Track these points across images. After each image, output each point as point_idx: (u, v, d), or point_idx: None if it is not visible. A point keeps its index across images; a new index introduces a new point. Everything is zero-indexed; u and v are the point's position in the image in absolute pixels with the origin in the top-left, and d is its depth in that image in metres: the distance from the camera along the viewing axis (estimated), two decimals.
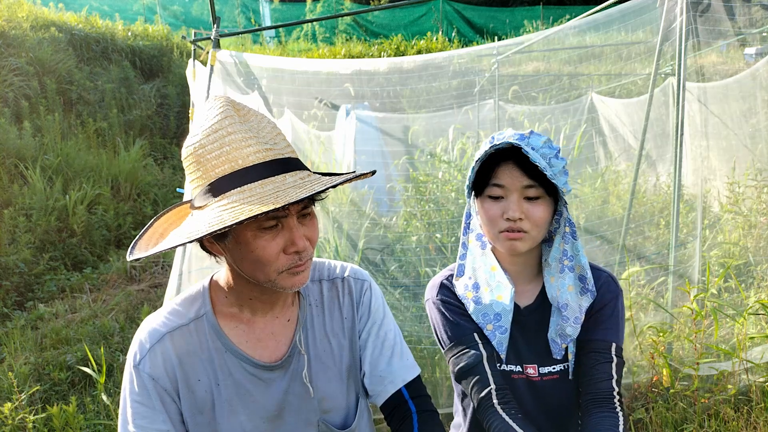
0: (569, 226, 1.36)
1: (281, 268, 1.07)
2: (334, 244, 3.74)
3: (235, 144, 1.01)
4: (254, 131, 1.04)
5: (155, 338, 1.13)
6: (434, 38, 14.34)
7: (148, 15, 14.21)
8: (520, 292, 1.41)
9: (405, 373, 1.28)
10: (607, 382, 1.30)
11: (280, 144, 1.06)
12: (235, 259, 1.09)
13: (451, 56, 4.97)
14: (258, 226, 1.03)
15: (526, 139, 1.29)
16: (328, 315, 1.26)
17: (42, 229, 5.74)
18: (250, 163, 1.01)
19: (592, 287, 1.35)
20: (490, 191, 1.32)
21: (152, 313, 1.21)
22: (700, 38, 3.30)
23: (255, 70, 3.78)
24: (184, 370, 1.13)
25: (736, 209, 4.33)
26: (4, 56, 7.65)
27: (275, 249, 1.05)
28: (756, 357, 2.74)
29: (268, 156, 1.02)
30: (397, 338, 1.31)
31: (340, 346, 1.25)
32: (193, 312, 1.17)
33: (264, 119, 1.08)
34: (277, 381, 1.18)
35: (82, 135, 7.66)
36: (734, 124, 4.58)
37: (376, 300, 1.31)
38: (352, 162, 4.86)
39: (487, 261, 1.39)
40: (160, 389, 1.12)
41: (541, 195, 1.29)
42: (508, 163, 1.29)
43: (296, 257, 1.07)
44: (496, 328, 1.35)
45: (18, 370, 3.55)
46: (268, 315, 1.20)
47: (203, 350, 1.15)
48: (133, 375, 1.12)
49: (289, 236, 1.06)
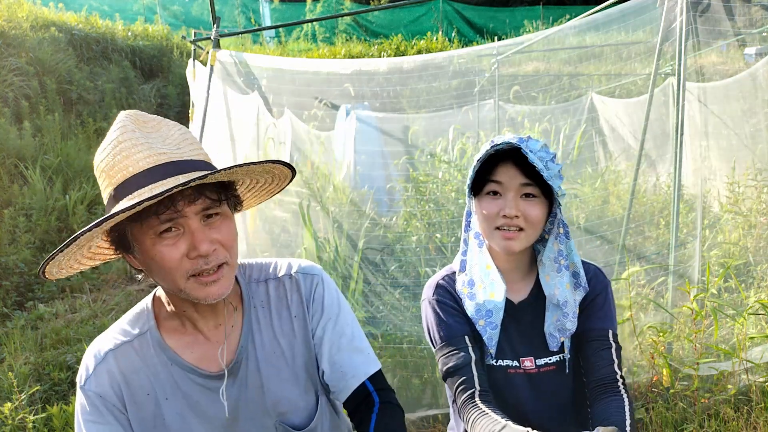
0: (563, 227, 1.41)
1: (187, 274, 1.03)
2: (334, 244, 3.74)
3: (125, 152, 1.00)
4: (147, 138, 1.02)
5: (99, 358, 1.14)
6: (434, 38, 14.33)
7: (148, 15, 14.19)
8: (513, 288, 1.45)
9: (367, 367, 1.24)
10: (609, 367, 1.35)
11: (184, 148, 1.04)
12: (149, 271, 1.07)
13: (451, 56, 4.98)
14: (154, 232, 1.00)
15: (524, 141, 1.33)
16: (276, 315, 1.22)
17: (42, 229, 5.74)
18: (140, 169, 0.99)
19: (584, 283, 1.42)
20: (487, 188, 1.36)
21: (101, 333, 1.21)
22: (700, 38, 3.30)
23: (255, 70, 3.78)
24: (130, 387, 1.13)
25: (736, 209, 4.32)
26: (4, 56, 7.65)
27: (176, 254, 1.02)
28: (756, 357, 2.74)
29: (160, 160, 1.00)
30: (356, 332, 1.27)
31: (290, 345, 1.22)
32: (138, 329, 1.16)
33: (174, 127, 1.07)
34: (227, 389, 1.17)
35: (82, 135, 7.66)
36: (734, 124, 4.58)
37: (329, 294, 1.26)
38: (352, 162, 4.86)
39: (482, 259, 1.43)
40: (110, 405, 1.12)
41: (538, 194, 1.34)
42: (506, 163, 1.33)
43: (201, 261, 1.03)
44: (487, 324, 1.40)
45: (18, 370, 3.55)
46: (210, 324, 1.17)
47: (148, 366, 1.14)
48: (81, 396, 1.12)
49: (191, 240, 1.02)
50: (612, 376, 1.35)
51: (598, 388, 1.34)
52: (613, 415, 1.27)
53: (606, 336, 1.39)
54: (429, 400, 3.07)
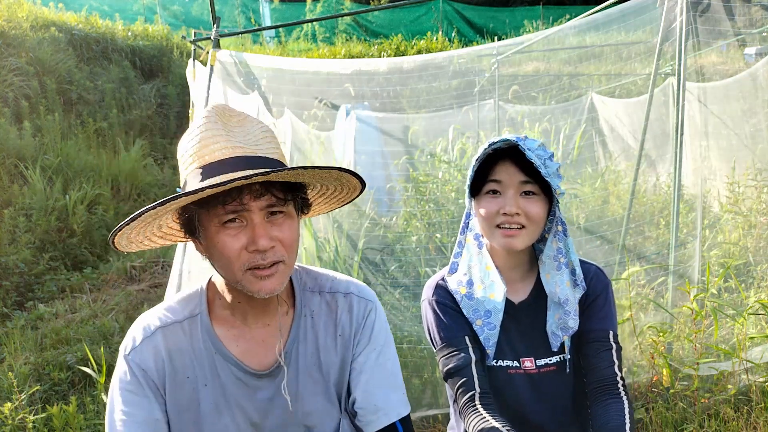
0: (561, 225, 1.41)
1: (244, 267, 1.06)
2: (334, 244, 3.75)
3: (204, 141, 1.05)
4: (229, 131, 1.06)
5: (148, 332, 1.15)
6: (434, 38, 14.33)
7: (148, 15, 14.19)
8: (513, 288, 1.45)
9: (400, 408, 1.24)
10: (610, 368, 1.36)
11: (261, 145, 1.06)
12: (209, 257, 1.10)
13: (451, 56, 4.98)
14: (219, 221, 1.04)
15: (522, 140, 1.34)
16: (322, 328, 1.23)
17: (42, 229, 5.74)
18: (215, 159, 1.03)
19: (581, 281, 1.42)
20: (487, 188, 1.37)
21: (150, 309, 1.21)
22: (700, 38, 3.30)
23: (255, 70, 3.78)
24: (174, 366, 1.14)
25: (736, 209, 4.33)
26: (4, 56, 7.65)
27: (236, 245, 1.05)
28: (756, 357, 2.74)
29: (236, 153, 1.03)
30: (395, 368, 1.27)
31: (329, 362, 1.22)
32: (188, 311, 1.17)
33: (258, 125, 1.10)
34: (263, 389, 1.17)
35: (82, 135, 7.66)
36: (734, 124, 4.58)
37: (380, 324, 1.26)
38: (352, 162, 4.86)
39: (482, 260, 1.43)
40: (150, 381, 1.13)
41: (537, 192, 1.34)
42: (505, 161, 1.34)
43: (258, 256, 1.05)
44: (485, 324, 1.40)
45: (18, 370, 3.55)
46: (260, 322, 1.18)
47: (194, 349, 1.15)
48: (123, 364, 1.13)
49: (251, 234, 1.04)
50: (612, 378, 1.35)
51: (599, 389, 1.34)
52: (612, 418, 1.28)
53: (606, 337, 1.39)
54: (429, 400, 3.07)
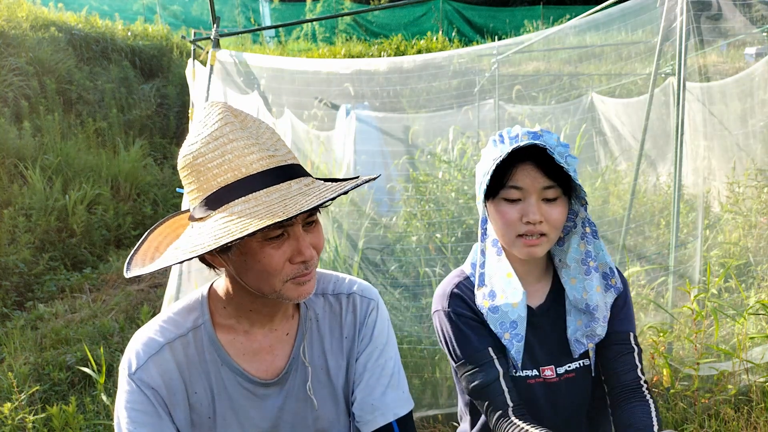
0: (589, 226, 1.33)
1: (287, 278, 1.04)
2: (334, 244, 3.74)
3: (237, 152, 0.97)
4: (255, 137, 1.00)
5: (153, 348, 1.10)
6: (434, 38, 14.32)
7: (147, 15, 14.18)
8: (529, 292, 1.38)
9: (398, 407, 1.21)
10: (633, 372, 1.31)
11: (281, 150, 1.03)
12: (239, 271, 1.05)
13: (451, 56, 4.97)
14: (264, 236, 1.00)
15: (540, 138, 1.24)
16: (328, 331, 1.21)
17: (42, 229, 5.74)
18: (254, 171, 0.97)
19: (619, 283, 1.35)
20: (506, 194, 1.26)
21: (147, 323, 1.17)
22: (701, 38, 3.29)
23: (255, 69, 3.78)
24: (183, 382, 1.11)
25: (737, 209, 4.33)
26: (4, 56, 7.64)
27: (281, 258, 1.02)
28: (756, 357, 2.74)
29: (272, 163, 0.99)
30: (396, 367, 1.25)
31: (337, 365, 1.20)
32: (191, 321, 1.13)
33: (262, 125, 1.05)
34: (271, 397, 1.15)
35: (82, 135, 7.66)
36: (734, 124, 4.57)
37: (381, 323, 1.24)
38: (352, 162, 4.86)
39: (502, 267, 1.34)
40: (159, 399, 1.09)
41: (559, 195, 1.26)
42: (525, 164, 1.24)
43: (302, 266, 1.04)
44: (513, 336, 1.32)
45: (18, 370, 3.54)
46: (266, 327, 1.16)
47: (201, 361, 1.12)
48: (129, 383, 1.08)
49: (296, 245, 1.02)
50: (636, 382, 1.30)
51: (622, 393, 1.29)
52: (639, 420, 1.23)
53: (627, 339, 1.33)
54: (429, 400, 3.07)
